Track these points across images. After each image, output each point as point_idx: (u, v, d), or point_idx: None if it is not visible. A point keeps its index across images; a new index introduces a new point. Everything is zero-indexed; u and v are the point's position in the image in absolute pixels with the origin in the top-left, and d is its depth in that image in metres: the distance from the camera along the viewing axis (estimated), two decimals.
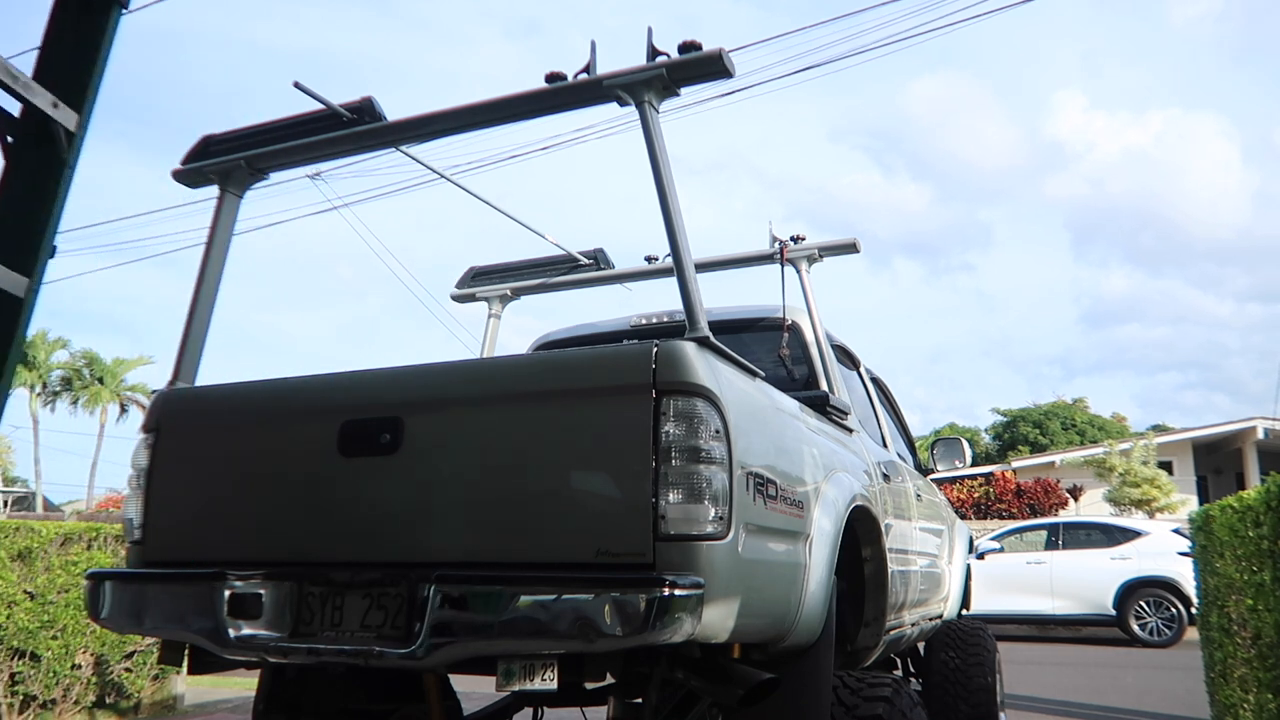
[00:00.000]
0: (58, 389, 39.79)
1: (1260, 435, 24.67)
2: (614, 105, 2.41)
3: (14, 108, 2.76)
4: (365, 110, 2.62)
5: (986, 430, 42.71)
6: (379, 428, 2.30)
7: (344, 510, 2.32)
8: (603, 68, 2.39)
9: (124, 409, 40.52)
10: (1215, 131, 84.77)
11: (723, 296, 4.32)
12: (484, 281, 4.35)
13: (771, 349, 3.67)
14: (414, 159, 3.14)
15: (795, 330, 3.72)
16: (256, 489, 2.50)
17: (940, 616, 4.82)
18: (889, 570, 3.21)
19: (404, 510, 2.25)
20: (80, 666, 5.98)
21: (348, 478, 2.33)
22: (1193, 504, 20.85)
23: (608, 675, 2.14)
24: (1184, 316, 76.63)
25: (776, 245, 3.93)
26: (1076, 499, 22.87)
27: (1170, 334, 77.48)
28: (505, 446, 2.18)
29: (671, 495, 1.98)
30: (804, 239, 3.93)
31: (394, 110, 2.63)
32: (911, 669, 5.04)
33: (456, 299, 4.38)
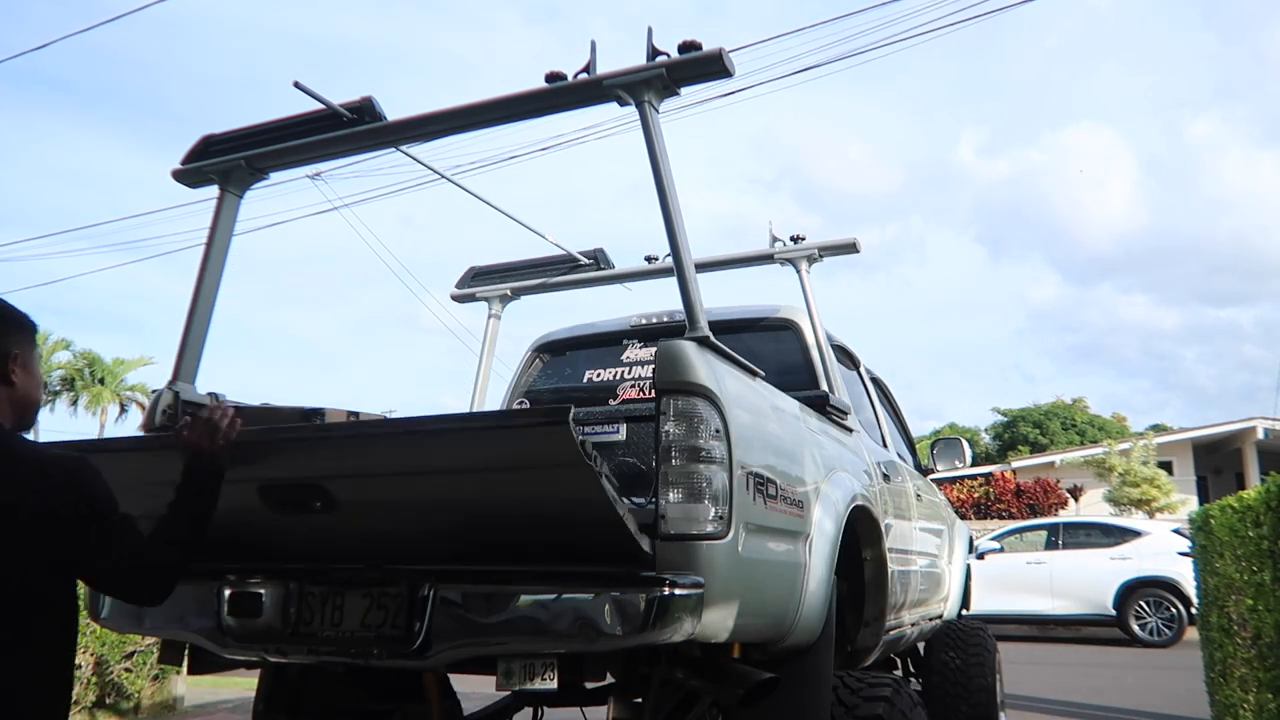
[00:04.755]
0: (58, 389, 39.81)
1: (1260, 435, 24.65)
2: (614, 105, 2.41)
3: None
4: (365, 110, 2.61)
5: (986, 430, 42.73)
6: (305, 494, 2.11)
7: (324, 532, 2.25)
8: (625, 55, 2.38)
9: (124, 409, 40.53)
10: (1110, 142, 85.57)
11: (723, 296, 4.32)
12: (484, 281, 4.35)
13: (771, 349, 3.67)
14: (414, 159, 3.14)
15: (795, 330, 3.72)
16: (241, 500, 2.41)
17: (940, 616, 4.81)
18: (889, 570, 3.21)
19: (385, 534, 2.21)
20: (80, 667, 5.97)
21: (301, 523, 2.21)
22: (1193, 504, 20.83)
23: (608, 675, 2.14)
24: (1135, 322, 77.16)
25: (776, 245, 3.94)
26: (1076, 499, 22.87)
27: (1132, 339, 77.78)
28: (475, 484, 2.01)
29: (671, 495, 1.98)
30: (804, 239, 3.93)
31: (411, 98, 2.62)
32: (911, 669, 5.04)
33: (456, 299, 4.38)
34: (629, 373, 3.95)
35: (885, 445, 4.19)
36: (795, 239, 3.93)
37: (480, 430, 2.01)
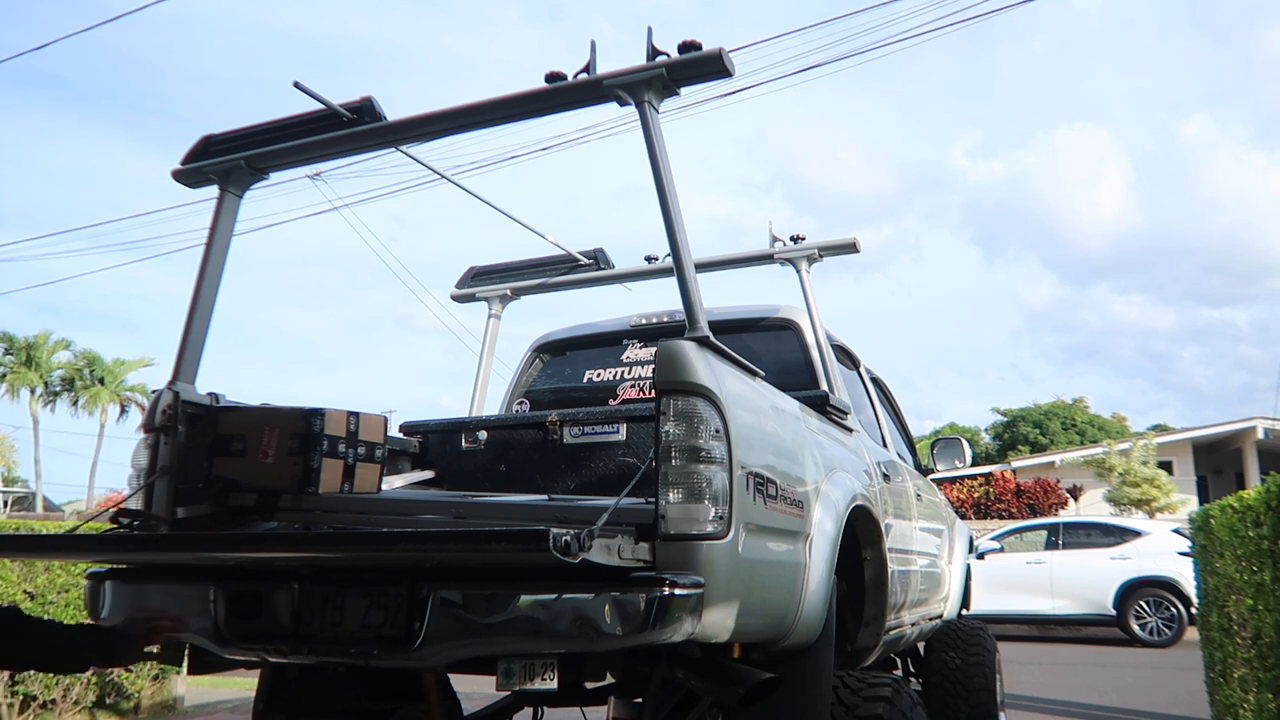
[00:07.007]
0: (58, 389, 39.82)
1: (1260, 435, 24.66)
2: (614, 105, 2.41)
3: None
4: (365, 110, 2.61)
5: (986, 430, 42.74)
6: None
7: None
8: (627, 54, 2.39)
9: (124, 409, 40.52)
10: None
11: (723, 296, 4.32)
12: (484, 281, 4.36)
13: (771, 349, 3.67)
14: (414, 159, 3.14)
15: (795, 330, 3.72)
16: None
17: (940, 616, 4.81)
18: (889, 570, 3.21)
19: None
20: None
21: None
22: (1193, 504, 20.82)
23: (608, 675, 2.14)
24: (1131, 322, 77.27)
25: (776, 245, 3.94)
26: (1076, 499, 22.87)
27: (1129, 339, 77.84)
28: None
29: (671, 495, 1.98)
30: (804, 239, 3.93)
31: (411, 98, 2.62)
32: (911, 669, 5.04)
33: (456, 299, 4.38)
34: (629, 373, 3.95)
35: (885, 445, 4.19)
36: (795, 239, 3.93)
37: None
